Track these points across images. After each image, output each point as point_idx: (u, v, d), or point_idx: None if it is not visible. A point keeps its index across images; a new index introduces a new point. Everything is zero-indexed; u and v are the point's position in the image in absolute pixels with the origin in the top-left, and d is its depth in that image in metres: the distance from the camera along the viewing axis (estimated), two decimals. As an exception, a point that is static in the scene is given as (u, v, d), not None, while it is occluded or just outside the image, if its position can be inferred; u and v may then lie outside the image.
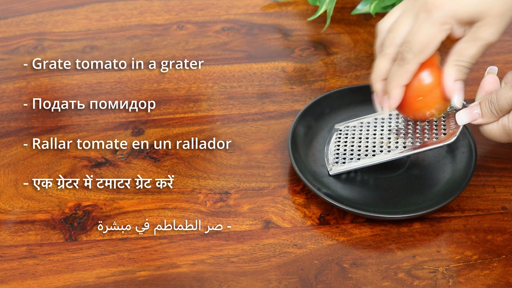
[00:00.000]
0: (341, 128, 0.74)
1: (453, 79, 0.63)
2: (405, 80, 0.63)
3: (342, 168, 0.70)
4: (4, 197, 0.71)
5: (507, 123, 0.61)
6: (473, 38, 0.61)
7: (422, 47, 0.61)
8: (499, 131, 0.62)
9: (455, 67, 0.62)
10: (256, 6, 0.94)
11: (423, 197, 0.68)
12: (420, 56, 0.61)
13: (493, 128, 0.63)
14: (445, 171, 0.70)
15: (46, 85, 0.84)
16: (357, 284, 0.63)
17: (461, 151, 0.71)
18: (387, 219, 0.66)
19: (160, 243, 0.67)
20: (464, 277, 0.63)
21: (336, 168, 0.70)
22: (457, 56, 0.62)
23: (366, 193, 0.69)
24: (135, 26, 0.91)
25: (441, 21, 0.60)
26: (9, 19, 0.93)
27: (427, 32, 0.60)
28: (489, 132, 0.63)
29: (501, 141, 0.63)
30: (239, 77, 0.84)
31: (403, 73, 0.62)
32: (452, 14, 0.60)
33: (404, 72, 0.62)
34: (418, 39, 0.61)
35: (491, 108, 0.62)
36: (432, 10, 0.60)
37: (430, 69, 0.63)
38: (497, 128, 0.62)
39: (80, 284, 0.64)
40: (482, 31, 0.61)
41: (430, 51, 0.61)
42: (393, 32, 0.63)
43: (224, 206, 0.70)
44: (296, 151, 0.71)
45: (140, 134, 0.77)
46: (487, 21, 0.60)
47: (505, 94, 0.60)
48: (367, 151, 0.70)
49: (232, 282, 0.63)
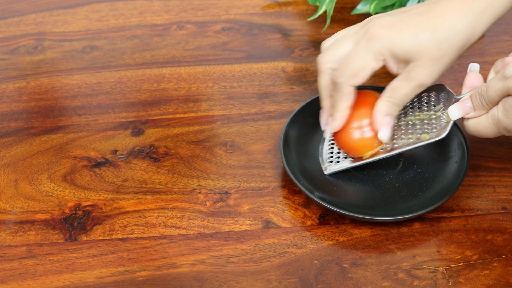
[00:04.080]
0: None
1: (383, 113, 0.65)
2: (344, 104, 0.65)
3: (336, 167, 0.70)
4: (4, 197, 0.71)
5: (496, 113, 0.61)
6: (407, 77, 0.63)
7: (355, 72, 0.63)
8: (488, 123, 0.62)
9: (386, 102, 0.65)
10: (256, 6, 0.94)
11: (419, 198, 0.68)
12: (352, 80, 0.64)
13: (482, 121, 0.63)
14: (438, 171, 0.70)
15: (46, 85, 0.84)
16: (357, 284, 0.63)
17: (454, 151, 0.71)
18: (382, 221, 0.66)
19: (160, 243, 0.67)
20: (464, 277, 0.63)
21: (331, 168, 0.70)
22: (390, 93, 0.65)
23: (361, 195, 0.69)
24: (135, 26, 0.91)
25: (377, 51, 0.63)
26: (9, 19, 0.93)
27: (362, 58, 0.63)
28: (477, 125, 0.63)
29: (488, 135, 0.63)
30: (239, 77, 0.84)
31: (340, 97, 0.65)
32: (388, 47, 0.62)
33: (341, 97, 0.65)
34: (353, 63, 0.63)
35: (481, 100, 0.62)
36: (371, 40, 0.63)
37: (365, 108, 0.66)
38: (486, 120, 0.62)
39: (80, 284, 0.64)
40: (415, 72, 0.63)
41: (362, 76, 0.63)
42: (331, 50, 0.66)
43: (224, 206, 0.70)
44: (289, 154, 0.71)
45: (140, 134, 0.77)
46: (421, 62, 0.62)
47: (494, 85, 0.60)
48: None
49: (232, 282, 0.63)
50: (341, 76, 0.64)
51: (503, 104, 0.60)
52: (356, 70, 0.63)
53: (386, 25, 0.63)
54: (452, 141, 0.71)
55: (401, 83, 0.64)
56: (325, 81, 0.67)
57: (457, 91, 0.66)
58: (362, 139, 0.67)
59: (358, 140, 0.67)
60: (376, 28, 0.63)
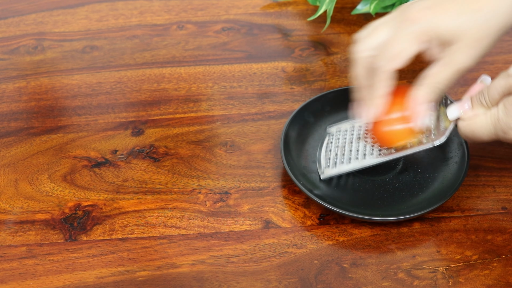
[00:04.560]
0: (333, 131, 0.74)
1: (423, 100, 0.62)
2: (382, 90, 0.63)
3: (333, 172, 0.70)
4: (4, 197, 0.71)
5: (496, 112, 0.60)
6: (448, 61, 0.61)
7: (395, 54, 0.61)
8: (486, 123, 0.61)
9: (427, 88, 0.62)
10: (256, 6, 0.94)
11: (419, 198, 0.68)
12: (392, 63, 0.61)
13: (478, 121, 0.61)
14: (438, 171, 0.70)
15: (46, 85, 0.84)
16: (357, 284, 0.63)
17: (454, 151, 0.71)
18: (382, 221, 0.66)
19: (160, 243, 0.67)
20: (464, 277, 0.63)
21: (328, 172, 0.70)
22: (431, 79, 0.62)
23: (361, 195, 0.69)
24: (135, 26, 0.91)
25: (418, 33, 0.61)
26: (9, 19, 0.93)
27: (402, 41, 0.61)
28: (473, 126, 0.61)
29: (483, 137, 0.61)
30: (239, 77, 0.84)
31: (379, 83, 0.62)
32: (430, 29, 0.60)
33: (379, 82, 0.62)
34: (393, 46, 0.61)
35: (481, 99, 0.61)
36: (413, 22, 0.61)
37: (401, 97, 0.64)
38: (484, 120, 0.61)
39: (80, 284, 0.64)
40: (457, 54, 0.61)
41: (403, 60, 0.61)
42: (370, 37, 0.64)
43: (224, 206, 0.70)
44: (289, 154, 0.71)
45: (140, 134, 0.77)
46: (462, 45, 0.60)
47: (496, 84, 0.59)
48: (358, 154, 0.70)
49: (232, 282, 0.63)
50: (381, 60, 0.61)
51: (504, 103, 0.59)
52: (395, 53, 0.61)
53: (425, 7, 0.61)
54: (452, 141, 0.71)
55: (441, 68, 0.61)
56: (361, 70, 0.64)
57: (458, 91, 0.66)
58: (400, 128, 0.64)
59: (396, 129, 0.65)
60: (415, 11, 0.61)
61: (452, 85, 0.63)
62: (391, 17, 0.63)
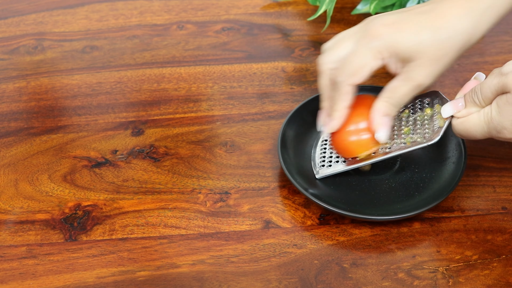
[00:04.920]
0: None
1: (381, 113, 0.65)
2: (343, 103, 0.65)
3: (328, 172, 0.70)
4: (4, 197, 0.71)
5: (489, 111, 0.60)
6: (406, 77, 0.63)
7: (354, 70, 0.63)
8: (479, 121, 0.61)
9: (385, 102, 0.64)
10: (256, 6, 0.94)
11: (416, 198, 0.68)
12: (352, 78, 0.63)
13: (472, 119, 0.62)
14: (436, 171, 0.70)
15: (46, 85, 0.84)
16: (357, 284, 0.63)
17: (451, 152, 0.71)
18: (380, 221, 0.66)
19: (160, 243, 0.67)
20: (464, 277, 0.63)
21: (323, 172, 0.70)
22: (389, 93, 0.64)
23: (358, 195, 0.69)
24: (135, 26, 0.91)
25: (377, 50, 0.62)
26: (9, 19, 0.93)
27: (361, 57, 0.63)
28: (467, 124, 0.62)
29: (476, 135, 0.62)
30: (239, 77, 0.84)
31: (339, 96, 0.64)
32: (390, 45, 0.62)
33: (339, 96, 0.64)
34: (354, 61, 0.63)
35: (474, 98, 0.61)
36: (373, 38, 0.62)
37: (363, 109, 0.66)
38: (477, 118, 0.61)
39: (80, 284, 0.64)
40: (415, 72, 0.62)
41: (363, 75, 0.63)
42: (333, 50, 0.65)
43: (224, 206, 0.70)
44: (287, 155, 0.71)
45: (140, 134, 0.77)
46: (421, 62, 0.62)
47: (489, 82, 0.60)
48: None
49: (232, 282, 0.63)
50: (340, 75, 0.63)
51: (497, 102, 0.59)
52: (355, 68, 0.63)
53: (387, 23, 0.62)
54: (450, 141, 0.71)
55: (400, 83, 0.63)
56: (325, 82, 0.66)
57: (457, 91, 0.66)
58: (359, 140, 0.67)
59: (354, 141, 0.67)
60: (377, 27, 0.62)
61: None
62: (355, 30, 0.65)
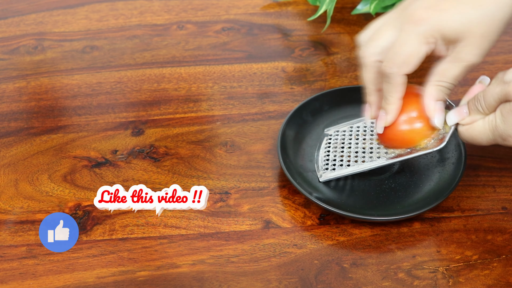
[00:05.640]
0: (331, 133, 0.73)
1: (434, 99, 0.62)
2: (397, 95, 0.62)
3: (332, 175, 0.69)
4: (4, 197, 0.71)
5: (494, 119, 0.60)
6: (456, 58, 0.61)
7: (405, 59, 0.60)
8: (484, 129, 0.61)
9: (436, 87, 0.62)
10: (256, 6, 0.94)
11: (415, 199, 0.68)
12: (404, 68, 0.61)
13: (477, 126, 0.61)
14: (435, 172, 0.70)
15: (46, 85, 0.84)
16: (357, 284, 0.63)
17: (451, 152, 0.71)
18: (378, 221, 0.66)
19: (160, 243, 0.67)
20: (464, 277, 0.63)
21: (326, 175, 0.70)
22: (439, 77, 0.62)
23: (358, 195, 0.69)
24: (135, 26, 0.91)
25: (426, 34, 0.60)
26: (9, 19, 0.93)
27: (411, 44, 0.60)
28: (472, 131, 0.62)
29: (482, 142, 0.61)
30: (239, 77, 0.84)
31: (392, 88, 0.62)
32: (437, 28, 0.60)
33: (393, 88, 0.62)
34: (402, 50, 0.60)
35: (477, 105, 0.61)
36: (418, 23, 0.60)
37: (413, 98, 0.63)
38: (482, 126, 0.61)
39: (80, 284, 0.64)
40: (465, 51, 0.60)
41: (414, 63, 0.61)
42: (374, 41, 0.63)
43: (224, 206, 0.70)
44: (287, 155, 0.71)
45: (140, 134, 0.77)
46: (471, 41, 0.60)
47: (492, 90, 0.59)
48: (356, 157, 0.70)
49: (232, 282, 0.63)
50: (391, 66, 0.61)
51: (501, 110, 0.59)
52: (405, 57, 0.60)
53: (428, 5, 0.60)
54: (450, 142, 0.71)
55: (450, 65, 0.61)
56: (371, 75, 0.64)
57: (458, 91, 0.66)
58: (415, 129, 0.64)
59: (411, 130, 0.64)
60: (419, 11, 0.60)
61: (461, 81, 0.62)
62: (393, 17, 0.63)
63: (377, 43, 0.62)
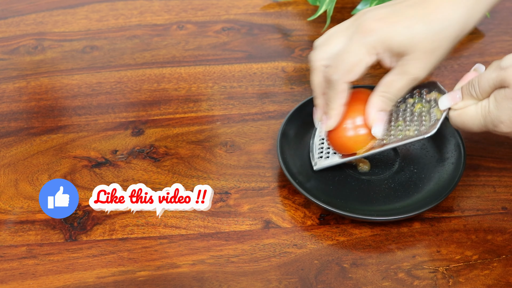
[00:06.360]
0: None
1: (376, 109, 0.64)
2: (339, 101, 0.64)
3: (326, 163, 0.69)
4: (4, 197, 0.71)
5: (487, 105, 0.60)
6: (401, 71, 0.62)
7: (349, 67, 0.62)
8: (476, 114, 0.61)
9: (380, 97, 0.64)
10: (256, 6, 0.94)
11: (414, 199, 0.68)
12: (347, 76, 0.62)
13: (469, 111, 0.61)
14: (435, 172, 0.70)
15: (46, 85, 0.84)
16: (357, 284, 0.63)
17: (451, 152, 0.71)
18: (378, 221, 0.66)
19: (160, 243, 0.67)
20: (464, 277, 0.63)
21: (321, 163, 0.70)
22: (384, 88, 0.63)
23: (357, 195, 0.69)
24: (135, 26, 0.91)
25: (372, 45, 0.61)
26: (9, 19, 0.93)
27: (356, 53, 0.61)
28: (464, 116, 0.62)
29: (473, 128, 0.61)
30: (239, 77, 0.84)
31: (335, 95, 0.64)
32: (383, 40, 0.61)
33: (335, 94, 0.64)
34: (347, 58, 0.62)
35: (471, 90, 0.61)
36: (366, 33, 0.61)
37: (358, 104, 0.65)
38: (474, 111, 0.61)
39: (80, 284, 0.64)
40: (410, 65, 0.61)
41: (357, 72, 0.62)
42: (325, 46, 0.64)
43: (224, 206, 0.70)
44: (286, 155, 0.70)
45: (140, 134, 0.77)
46: (416, 55, 0.61)
47: (487, 75, 0.59)
48: None
49: (232, 282, 0.63)
50: (335, 73, 0.62)
51: (495, 96, 0.59)
52: (350, 65, 0.62)
53: (379, 18, 0.61)
54: (449, 142, 0.71)
55: (395, 77, 0.63)
56: (318, 79, 0.65)
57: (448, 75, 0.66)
58: (356, 136, 0.66)
59: (351, 137, 0.66)
60: (369, 22, 0.61)
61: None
62: (346, 25, 0.64)
63: (327, 48, 0.64)
